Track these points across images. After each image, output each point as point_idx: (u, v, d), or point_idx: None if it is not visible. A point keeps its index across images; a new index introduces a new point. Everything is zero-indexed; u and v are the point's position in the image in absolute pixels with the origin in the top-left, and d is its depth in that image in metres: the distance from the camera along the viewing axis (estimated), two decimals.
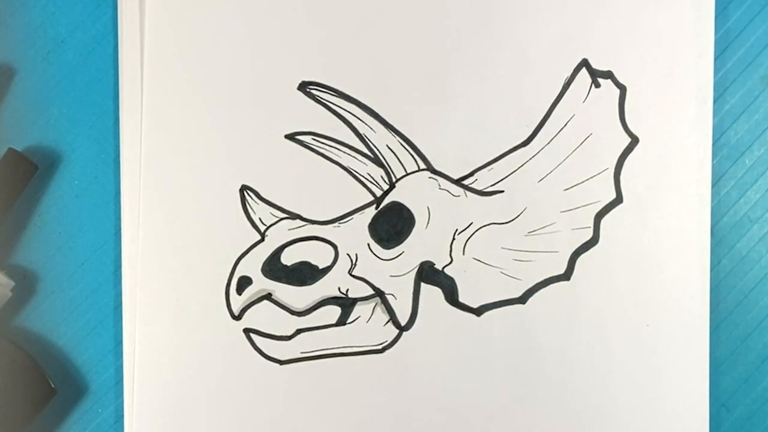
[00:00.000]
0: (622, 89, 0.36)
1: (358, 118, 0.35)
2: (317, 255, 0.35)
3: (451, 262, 0.35)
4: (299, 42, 0.35)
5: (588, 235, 0.35)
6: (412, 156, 0.36)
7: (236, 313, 0.35)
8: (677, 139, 0.36)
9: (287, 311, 0.35)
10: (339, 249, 0.35)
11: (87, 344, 0.36)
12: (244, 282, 0.35)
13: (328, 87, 0.35)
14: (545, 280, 0.35)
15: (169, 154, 0.35)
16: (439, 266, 0.35)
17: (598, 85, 0.36)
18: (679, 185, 0.36)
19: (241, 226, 0.35)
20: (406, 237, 0.36)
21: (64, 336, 0.36)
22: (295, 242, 0.35)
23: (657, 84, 0.36)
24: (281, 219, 0.35)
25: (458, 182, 0.36)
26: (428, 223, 0.36)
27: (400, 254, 0.35)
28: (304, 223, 0.35)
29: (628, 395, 0.35)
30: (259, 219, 0.35)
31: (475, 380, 0.35)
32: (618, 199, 0.35)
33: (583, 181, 0.36)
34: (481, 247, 0.35)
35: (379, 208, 0.36)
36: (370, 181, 0.36)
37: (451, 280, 0.35)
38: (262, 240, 0.35)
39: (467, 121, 0.36)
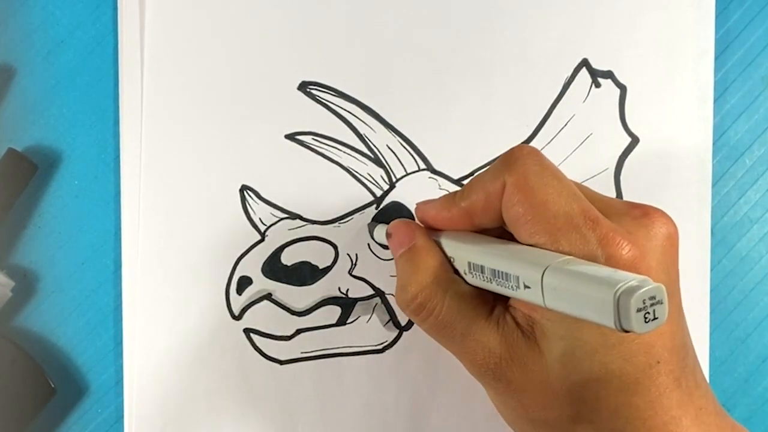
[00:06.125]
0: (622, 89, 0.36)
1: (358, 118, 0.35)
2: (317, 255, 0.35)
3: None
4: (299, 42, 0.35)
5: None
6: (412, 156, 0.36)
7: (236, 313, 0.35)
8: (677, 139, 0.36)
9: (287, 311, 0.35)
10: (339, 249, 0.35)
11: (87, 344, 0.36)
12: (244, 282, 0.35)
13: (328, 87, 0.35)
14: None
15: (169, 154, 0.35)
16: None
17: (598, 85, 0.36)
18: (679, 185, 0.36)
19: (241, 226, 0.35)
20: None
21: (64, 336, 0.36)
22: (295, 242, 0.35)
23: (657, 84, 0.36)
24: (281, 219, 0.35)
25: (458, 182, 0.36)
26: None
27: None
28: (304, 223, 0.35)
29: None
30: (259, 219, 0.35)
31: (475, 380, 0.35)
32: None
33: (583, 181, 0.36)
34: None
35: (379, 208, 0.36)
36: (370, 181, 0.36)
37: None
38: (262, 240, 0.35)
39: (467, 121, 0.36)
